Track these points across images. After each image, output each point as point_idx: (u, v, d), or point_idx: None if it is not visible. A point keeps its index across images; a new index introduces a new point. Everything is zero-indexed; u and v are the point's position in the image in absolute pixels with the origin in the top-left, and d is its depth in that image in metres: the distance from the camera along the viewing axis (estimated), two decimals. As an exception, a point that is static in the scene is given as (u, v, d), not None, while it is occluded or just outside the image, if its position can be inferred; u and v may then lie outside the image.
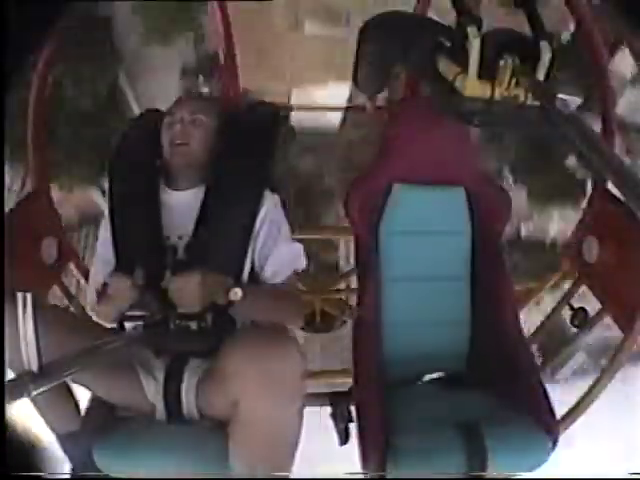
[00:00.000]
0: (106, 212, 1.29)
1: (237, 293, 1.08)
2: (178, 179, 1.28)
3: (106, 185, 1.32)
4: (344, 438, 1.35)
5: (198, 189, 1.26)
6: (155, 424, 1.18)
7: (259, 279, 1.24)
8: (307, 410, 1.08)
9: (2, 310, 0.95)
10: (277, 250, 1.23)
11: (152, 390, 1.17)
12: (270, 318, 1.20)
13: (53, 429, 1.16)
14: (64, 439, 1.17)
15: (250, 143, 1.27)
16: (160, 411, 1.17)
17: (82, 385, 1.12)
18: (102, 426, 1.18)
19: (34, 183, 1.65)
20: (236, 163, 1.25)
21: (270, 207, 1.25)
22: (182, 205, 1.25)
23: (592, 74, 1.61)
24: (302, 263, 1.26)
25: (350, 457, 1.28)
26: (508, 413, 1.29)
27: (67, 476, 1.18)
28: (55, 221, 1.75)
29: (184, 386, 1.14)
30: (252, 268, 1.24)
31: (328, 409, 1.41)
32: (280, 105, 1.53)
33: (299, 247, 1.27)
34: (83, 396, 1.20)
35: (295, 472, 1.09)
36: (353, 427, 1.34)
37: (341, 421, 1.35)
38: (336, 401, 1.39)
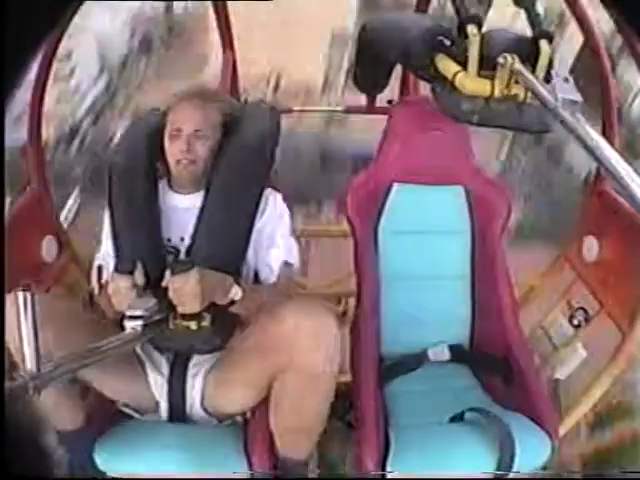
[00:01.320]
0: (106, 215, 1.28)
1: (237, 292, 1.08)
2: (182, 184, 1.27)
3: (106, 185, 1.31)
4: (348, 429, 1.36)
5: (199, 191, 1.26)
6: (157, 423, 1.18)
7: (258, 278, 1.24)
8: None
9: (2, 310, 0.95)
10: (274, 250, 1.23)
11: (158, 385, 1.18)
12: None
13: (56, 425, 1.16)
14: (67, 436, 1.17)
15: (250, 143, 1.27)
16: (164, 408, 1.17)
17: (86, 382, 1.12)
18: (104, 426, 1.18)
19: (34, 183, 1.65)
20: (236, 163, 1.24)
21: (270, 205, 1.25)
22: (183, 207, 1.25)
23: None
24: (296, 264, 1.26)
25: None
26: (507, 412, 1.29)
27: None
28: (55, 220, 1.75)
29: (188, 384, 1.15)
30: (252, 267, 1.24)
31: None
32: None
33: (295, 246, 1.27)
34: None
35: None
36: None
37: (340, 416, 1.35)
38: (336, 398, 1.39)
